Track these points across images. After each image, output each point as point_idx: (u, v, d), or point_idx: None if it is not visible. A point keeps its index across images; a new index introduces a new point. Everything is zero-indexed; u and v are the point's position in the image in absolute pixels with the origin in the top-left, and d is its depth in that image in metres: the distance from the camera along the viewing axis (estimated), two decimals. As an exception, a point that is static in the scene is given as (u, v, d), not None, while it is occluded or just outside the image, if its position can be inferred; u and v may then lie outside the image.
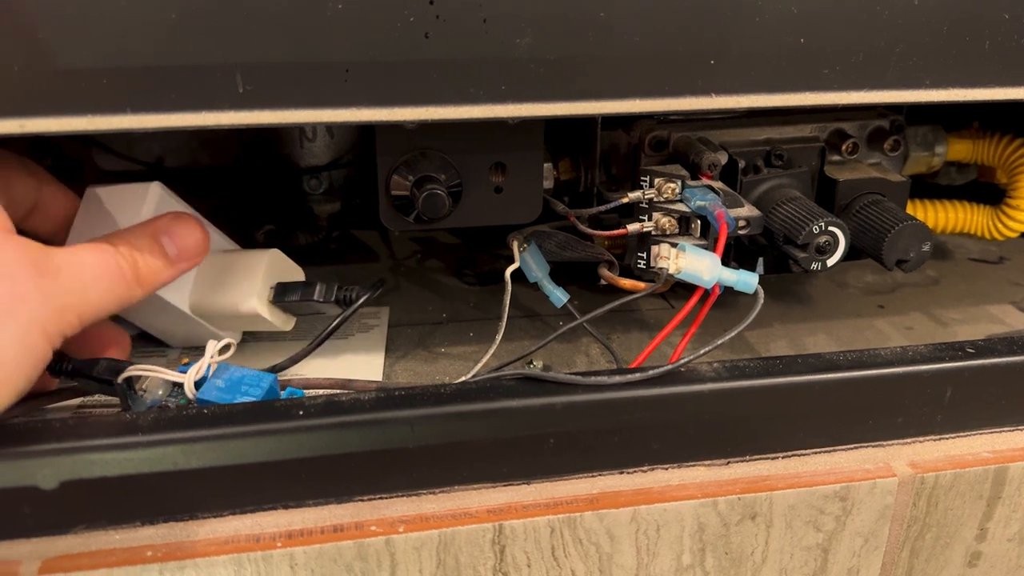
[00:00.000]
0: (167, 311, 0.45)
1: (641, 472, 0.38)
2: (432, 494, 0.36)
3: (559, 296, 0.48)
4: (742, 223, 0.43)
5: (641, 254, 0.45)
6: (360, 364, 0.49)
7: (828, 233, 0.44)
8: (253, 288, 0.44)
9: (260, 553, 0.34)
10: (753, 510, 0.39)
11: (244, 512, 0.35)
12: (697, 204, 0.42)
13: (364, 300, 0.44)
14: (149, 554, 0.33)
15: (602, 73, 0.37)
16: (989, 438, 0.42)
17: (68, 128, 0.33)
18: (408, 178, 0.43)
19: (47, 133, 0.33)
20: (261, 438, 0.34)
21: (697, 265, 0.41)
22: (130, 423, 0.34)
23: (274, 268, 0.45)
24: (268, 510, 0.35)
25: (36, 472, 0.33)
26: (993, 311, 0.57)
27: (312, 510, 0.35)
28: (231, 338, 0.41)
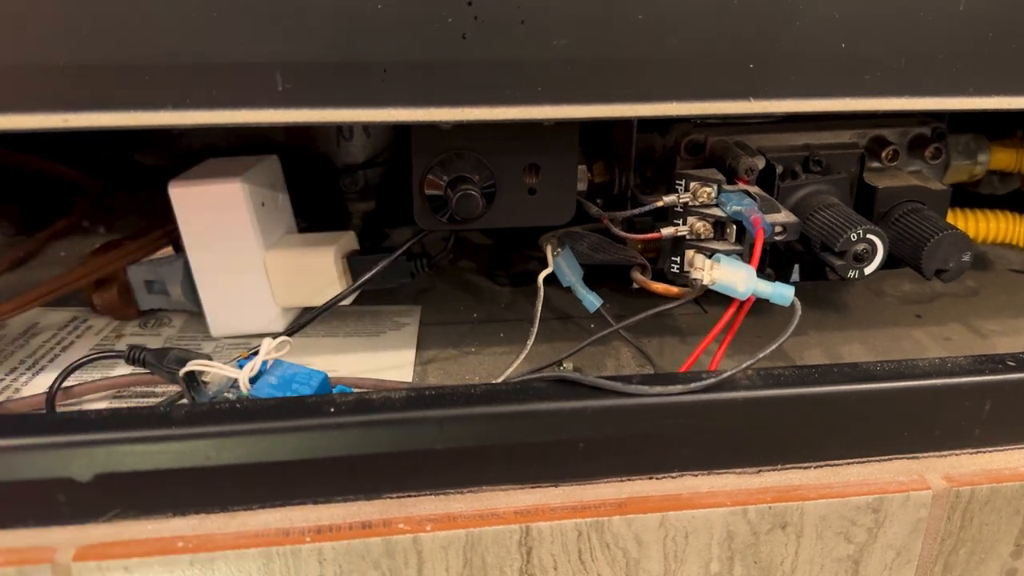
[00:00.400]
0: (242, 258, 0.49)
1: (671, 478, 0.38)
2: (460, 494, 0.36)
3: (592, 301, 0.48)
4: (778, 229, 0.42)
5: (675, 258, 0.45)
6: (391, 361, 0.50)
7: (866, 241, 0.43)
8: (330, 246, 0.49)
9: (289, 547, 0.34)
10: (784, 520, 0.38)
11: (274, 506, 0.35)
12: (733, 209, 0.42)
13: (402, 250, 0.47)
14: (180, 545, 0.34)
15: (639, 76, 0.37)
16: (1028, 453, 0.41)
17: (112, 124, 0.33)
18: (443, 178, 0.43)
19: (91, 128, 0.34)
20: (292, 434, 0.34)
21: (732, 276, 0.40)
22: (163, 416, 0.34)
23: (347, 243, 0.50)
24: (297, 505, 0.35)
25: (72, 463, 0.33)
26: (1034, 323, 0.56)
27: (341, 506, 0.35)
28: (284, 335, 0.42)
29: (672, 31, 0.36)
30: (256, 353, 0.40)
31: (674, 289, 0.43)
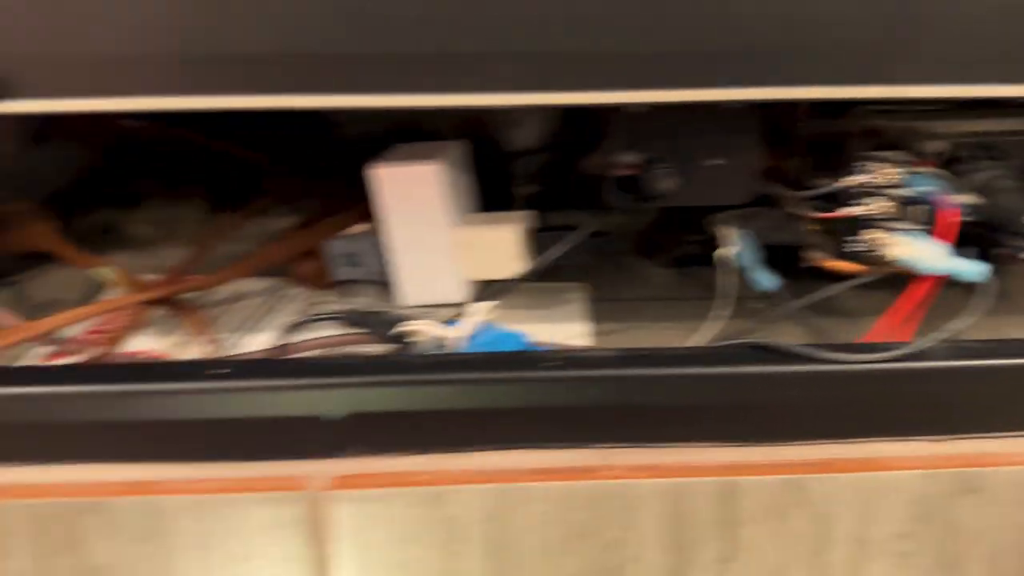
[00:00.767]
0: (433, 234, 0.53)
1: (865, 442, 0.40)
2: (670, 448, 0.39)
3: (770, 280, 0.50)
4: (965, 210, 0.44)
5: (853, 238, 0.46)
6: (569, 333, 0.53)
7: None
8: (514, 224, 0.52)
9: (518, 484, 0.37)
10: (972, 484, 0.40)
11: (502, 448, 0.38)
12: (920, 190, 0.44)
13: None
14: (422, 478, 0.37)
15: (820, 60, 0.39)
16: None
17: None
18: (633, 158, 0.46)
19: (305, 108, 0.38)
20: (522, 384, 0.38)
21: (923, 254, 0.42)
22: (410, 363, 0.38)
23: (529, 222, 0.54)
24: (524, 449, 0.39)
25: (327, 402, 0.38)
26: None
27: (562, 452, 0.38)
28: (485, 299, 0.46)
29: (852, 16, 0.38)
30: (461, 317, 0.44)
31: (860, 267, 0.45)
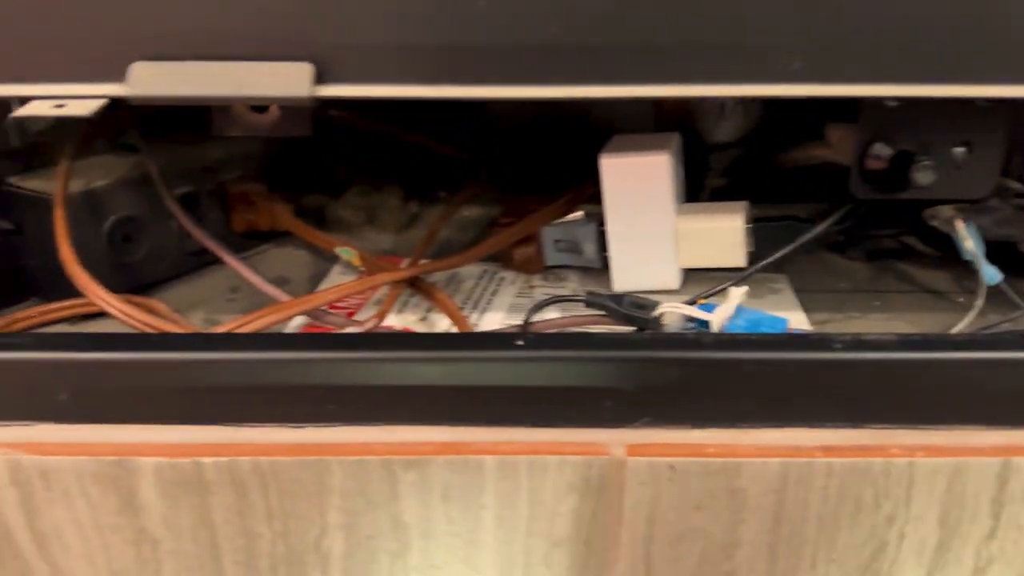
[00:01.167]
0: (655, 222, 0.55)
1: None
2: (944, 429, 0.41)
3: (993, 274, 0.51)
4: None
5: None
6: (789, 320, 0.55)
7: None
8: (738, 213, 0.54)
9: (803, 460, 0.39)
10: None
11: (788, 426, 0.40)
12: None
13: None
14: (710, 450, 0.40)
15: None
16: None
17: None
18: (883, 152, 0.48)
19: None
20: (809, 365, 0.40)
21: None
22: (700, 341, 0.40)
23: (748, 212, 0.55)
24: (804, 427, 0.40)
25: (620, 374, 0.40)
26: None
27: (841, 431, 0.40)
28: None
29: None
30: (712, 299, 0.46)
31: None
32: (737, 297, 0.46)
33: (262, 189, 0.62)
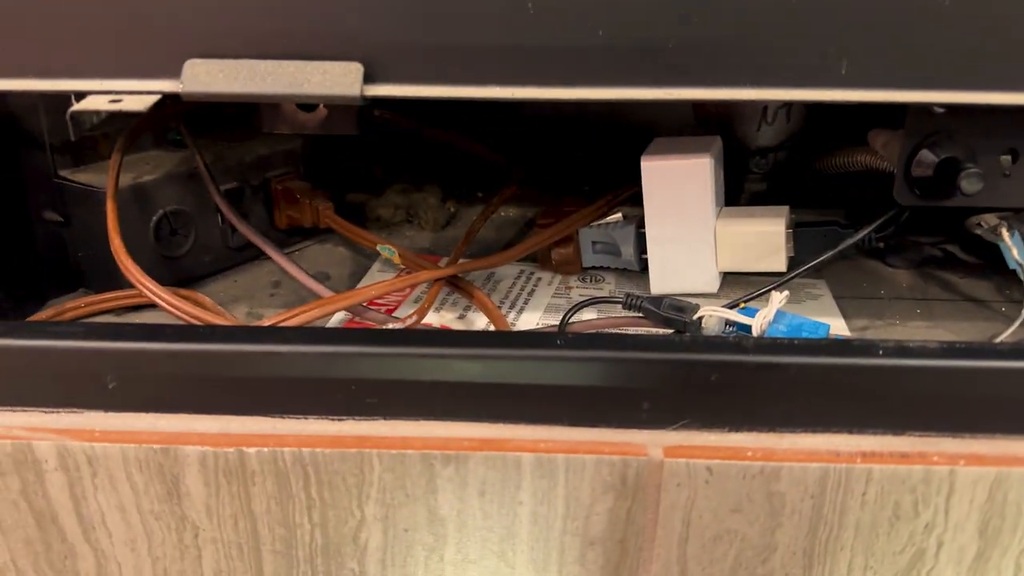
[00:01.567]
0: (695, 225, 0.55)
1: None
2: (987, 438, 0.40)
3: (1034, 281, 0.51)
4: None
5: None
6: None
7: None
8: (779, 218, 0.54)
9: (842, 466, 0.39)
10: None
11: (823, 432, 0.40)
12: None
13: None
14: (749, 454, 0.40)
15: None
16: None
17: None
18: (930, 159, 0.48)
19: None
20: (852, 371, 0.40)
21: None
22: (740, 345, 0.40)
23: (789, 216, 0.55)
24: (841, 433, 0.40)
25: (651, 375, 0.40)
26: None
27: (882, 437, 0.40)
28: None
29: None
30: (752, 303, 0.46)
31: None
32: (778, 302, 0.46)
33: (305, 186, 0.63)
